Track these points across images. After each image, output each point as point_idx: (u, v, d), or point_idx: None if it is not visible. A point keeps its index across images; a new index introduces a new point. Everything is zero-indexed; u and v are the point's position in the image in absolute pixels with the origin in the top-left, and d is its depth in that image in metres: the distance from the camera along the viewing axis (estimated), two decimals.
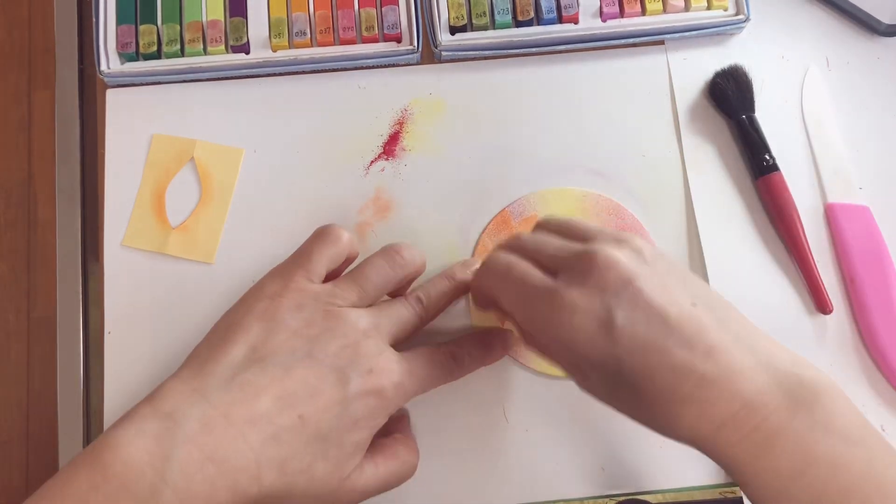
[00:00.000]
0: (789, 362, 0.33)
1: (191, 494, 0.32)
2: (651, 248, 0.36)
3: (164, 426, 0.33)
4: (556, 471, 0.43)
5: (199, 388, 0.35)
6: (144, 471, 0.32)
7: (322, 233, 0.40)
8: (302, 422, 0.35)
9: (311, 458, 0.35)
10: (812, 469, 0.31)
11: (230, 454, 0.33)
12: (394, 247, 0.41)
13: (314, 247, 0.39)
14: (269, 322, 0.37)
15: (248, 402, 0.34)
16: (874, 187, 0.47)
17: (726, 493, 0.43)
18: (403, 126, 0.47)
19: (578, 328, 0.34)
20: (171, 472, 0.32)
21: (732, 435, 0.32)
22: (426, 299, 0.41)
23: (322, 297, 0.38)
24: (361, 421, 0.36)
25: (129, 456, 0.32)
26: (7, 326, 1.08)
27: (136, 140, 0.47)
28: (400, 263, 0.40)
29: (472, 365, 0.42)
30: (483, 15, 0.47)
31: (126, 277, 0.45)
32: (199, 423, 0.33)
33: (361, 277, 0.39)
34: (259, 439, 0.34)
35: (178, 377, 0.36)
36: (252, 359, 0.36)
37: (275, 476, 0.34)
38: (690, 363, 0.32)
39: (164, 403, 0.34)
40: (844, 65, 0.49)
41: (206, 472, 0.33)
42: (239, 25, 0.47)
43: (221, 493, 0.33)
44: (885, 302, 0.44)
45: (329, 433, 0.35)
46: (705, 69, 0.48)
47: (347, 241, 0.40)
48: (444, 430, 0.43)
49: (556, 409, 0.44)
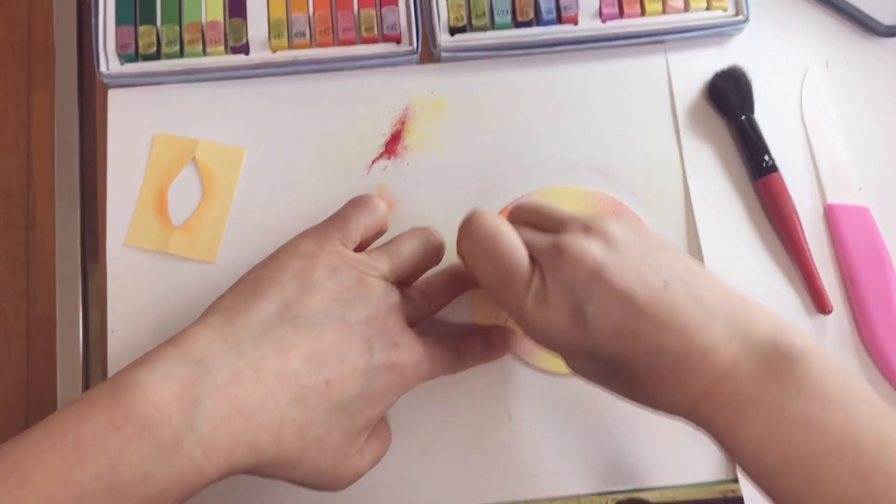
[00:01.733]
0: (768, 329, 0.33)
1: (213, 447, 0.31)
2: (625, 229, 0.36)
3: (194, 372, 0.32)
4: (559, 467, 0.43)
5: (229, 338, 0.34)
6: (171, 415, 0.31)
7: (360, 200, 0.40)
8: (328, 387, 0.35)
9: (328, 427, 0.35)
10: (783, 431, 0.31)
11: (257, 410, 0.33)
12: (427, 229, 0.41)
13: (352, 212, 0.39)
14: (305, 281, 0.36)
15: (279, 357, 0.34)
16: (874, 187, 0.47)
17: (727, 493, 0.43)
18: (405, 125, 0.48)
19: (552, 323, 0.34)
20: (198, 420, 0.31)
21: (709, 406, 0.33)
22: (430, 293, 0.41)
23: (356, 264, 0.38)
24: (379, 396, 0.36)
25: (155, 398, 0.31)
26: (7, 326, 1.08)
27: (138, 140, 0.47)
28: (433, 244, 0.40)
29: (473, 360, 0.42)
30: (482, 16, 0.48)
31: (128, 277, 0.45)
32: (230, 374, 0.32)
33: (395, 253, 0.39)
34: (286, 399, 0.33)
35: (206, 324, 0.35)
36: (286, 316, 0.35)
37: (292, 439, 0.34)
38: (663, 344, 0.33)
39: (193, 349, 0.33)
40: (844, 65, 0.49)
41: (232, 425, 0.32)
42: (238, 26, 0.47)
43: (242, 448, 0.32)
44: (885, 302, 0.44)
45: (350, 404, 0.35)
46: (705, 70, 0.48)
47: (384, 212, 0.40)
48: (447, 426, 0.43)
49: (559, 407, 0.44)
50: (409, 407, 0.44)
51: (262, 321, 0.35)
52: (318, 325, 0.35)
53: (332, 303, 0.36)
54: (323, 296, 0.36)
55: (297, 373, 0.34)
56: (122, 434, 0.30)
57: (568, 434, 0.44)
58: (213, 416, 0.31)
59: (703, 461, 0.43)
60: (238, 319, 0.35)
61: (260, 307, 0.35)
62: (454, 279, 0.43)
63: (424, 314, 0.41)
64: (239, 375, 0.33)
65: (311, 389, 0.34)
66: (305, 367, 0.34)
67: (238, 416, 0.32)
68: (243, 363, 0.33)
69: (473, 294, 0.45)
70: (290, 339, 0.34)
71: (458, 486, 0.43)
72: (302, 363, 0.34)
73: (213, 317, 0.35)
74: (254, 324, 0.35)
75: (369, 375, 0.36)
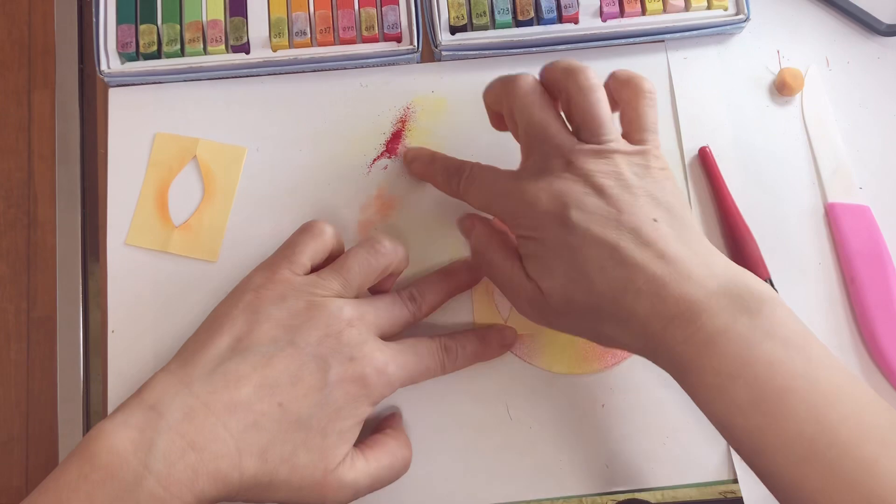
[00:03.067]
0: (740, 273, 0.35)
1: (172, 481, 0.33)
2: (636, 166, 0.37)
3: (147, 416, 0.34)
4: (560, 468, 0.43)
5: (183, 379, 0.36)
6: (128, 459, 0.33)
7: (307, 227, 0.41)
8: (282, 409, 0.36)
9: (293, 447, 0.36)
10: (750, 368, 0.33)
11: (210, 441, 0.34)
12: (375, 237, 0.41)
13: (298, 240, 0.40)
14: (253, 314, 0.37)
15: (228, 390, 0.35)
16: (874, 187, 0.47)
17: (727, 493, 0.43)
18: (406, 124, 0.48)
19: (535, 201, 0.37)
20: (153, 460, 0.33)
21: (678, 332, 0.34)
22: (419, 296, 0.42)
23: (305, 287, 0.38)
24: (343, 409, 0.37)
25: (113, 445, 0.33)
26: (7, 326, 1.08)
27: (139, 139, 0.47)
28: (381, 252, 0.40)
29: (466, 360, 0.42)
30: (483, 15, 0.48)
31: (129, 276, 0.45)
32: (181, 412, 0.35)
33: (343, 268, 0.40)
34: (239, 426, 0.35)
35: (166, 370, 0.37)
36: (236, 349, 0.37)
37: (256, 463, 0.35)
38: (641, 260, 0.35)
39: (149, 395, 0.35)
40: (844, 65, 0.49)
41: (187, 459, 0.34)
42: (239, 25, 0.47)
43: (203, 479, 0.34)
44: (885, 302, 0.44)
45: (310, 421, 0.36)
46: (705, 69, 0.48)
47: (331, 235, 0.41)
48: (447, 426, 0.43)
49: (559, 407, 0.44)
50: (408, 407, 0.44)
51: (214, 358, 0.37)
52: (267, 354, 0.36)
53: (280, 330, 0.37)
54: (271, 324, 0.37)
55: (248, 400, 0.35)
56: (89, 482, 0.33)
57: (568, 434, 0.44)
58: (168, 453, 0.34)
59: (702, 461, 0.43)
60: (193, 360, 0.37)
61: (214, 344, 0.37)
62: (446, 279, 0.43)
63: (413, 318, 0.41)
64: (190, 413, 0.35)
65: (264, 414, 0.35)
66: (256, 394, 0.36)
67: (192, 451, 0.34)
68: (193, 400, 0.35)
69: (474, 293, 0.45)
70: (239, 371, 0.36)
71: (458, 486, 0.43)
72: (252, 391, 0.36)
73: (174, 361, 0.37)
74: (205, 361, 0.36)
75: (326, 391, 0.36)
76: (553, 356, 0.44)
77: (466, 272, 0.44)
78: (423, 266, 0.45)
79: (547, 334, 0.44)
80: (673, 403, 0.44)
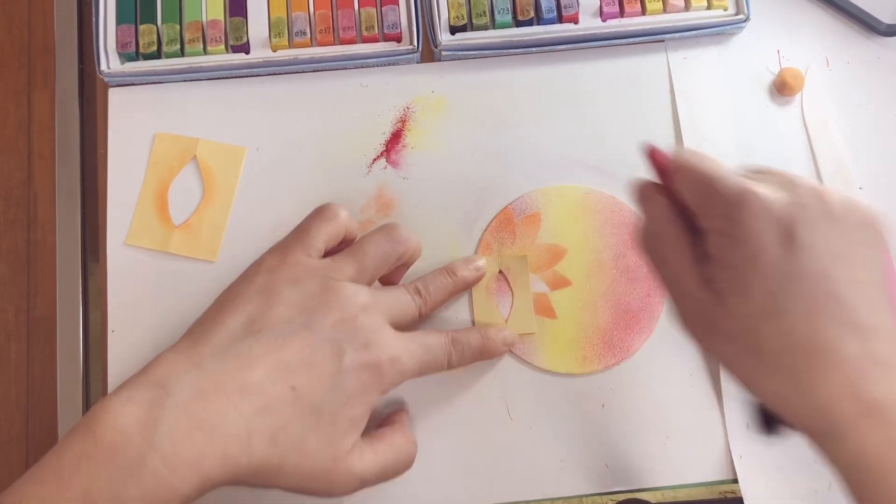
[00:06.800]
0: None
1: (178, 460, 0.33)
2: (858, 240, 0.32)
3: (154, 394, 0.34)
4: (560, 468, 0.43)
5: (192, 358, 0.35)
6: (132, 437, 0.32)
7: (320, 210, 0.40)
8: (295, 393, 0.35)
9: (304, 431, 0.35)
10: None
11: (220, 422, 0.34)
12: (391, 224, 0.41)
13: (312, 223, 0.40)
14: (268, 295, 0.37)
15: (241, 371, 0.35)
16: (874, 187, 0.47)
17: (727, 493, 0.43)
18: (406, 124, 0.48)
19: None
20: (158, 439, 0.32)
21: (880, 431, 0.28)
22: (424, 290, 0.41)
23: (320, 271, 0.38)
24: (355, 396, 0.36)
25: (117, 423, 0.33)
26: (7, 326, 1.08)
27: (139, 139, 0.47)
28: (397, 239, 0.40)
29: (471, 356, 0.42)
30: (483, 14, 0.48)
31: (129, 276, 0.45)
32: (190, 392, 0.34)
33: (359, 252, 0.40)
34: (251, 409, 0.34)
35: (174, 348, 0.36)
36: (249, 330, 0.36)
37: (266, 446, 0.34)
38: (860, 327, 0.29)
39: (156, 373, 0.35)
40: (844, 65, 0.49)
41: (194, 439, 0.33)
42: (239, 25, 0.47)
43: (210, 459, 0.33)
44: None
45: (322, 406, 0.36)
46: (705, 69, 0.48)
47: (345, 218, 0.40)
48: (447, 426, 0.43)
49: (559, 407, 0.44)
50: (408, 407, 0.44)
51: (226, 338, 0.36)
52: (282, 336, 0.36)
53: (295, 312, 0.37)
54: (286, 307, 0.37)
55: (261, 383, 0.35)
56: (92, 460, 0.32)
57: (568, 434, 0.44)
58: (174, 432, 0.33)
59: (703, 461, 0.43)
60: (203, 339, 0.36)
61: (224, 325, 0.36)
62: (450, 276, 0.43)
63: (419, 312, 0.41)
64: (200, 392, 0.34)
65: (277, 398, 0.35)
66: (269, 376, 0.35)
67: (200, 431, 0.33)
68: (204, 380, 0.34)
69: (473, 292, 0.45)
70: (252, 352, 0.35)
71: (458, 486, 0.43)
72: (265, 373, 0.35)
73: (183, 340, 0.37)
74: (217, 342, 0.36)
75: (339, 377, 0.36)
76: (553, 356, 0.44)
77: (468, 270, 0.44)
78: (423, 266, 0.45)
79: (547, 334, 0.44)
80: (673, 403, 0.44)
